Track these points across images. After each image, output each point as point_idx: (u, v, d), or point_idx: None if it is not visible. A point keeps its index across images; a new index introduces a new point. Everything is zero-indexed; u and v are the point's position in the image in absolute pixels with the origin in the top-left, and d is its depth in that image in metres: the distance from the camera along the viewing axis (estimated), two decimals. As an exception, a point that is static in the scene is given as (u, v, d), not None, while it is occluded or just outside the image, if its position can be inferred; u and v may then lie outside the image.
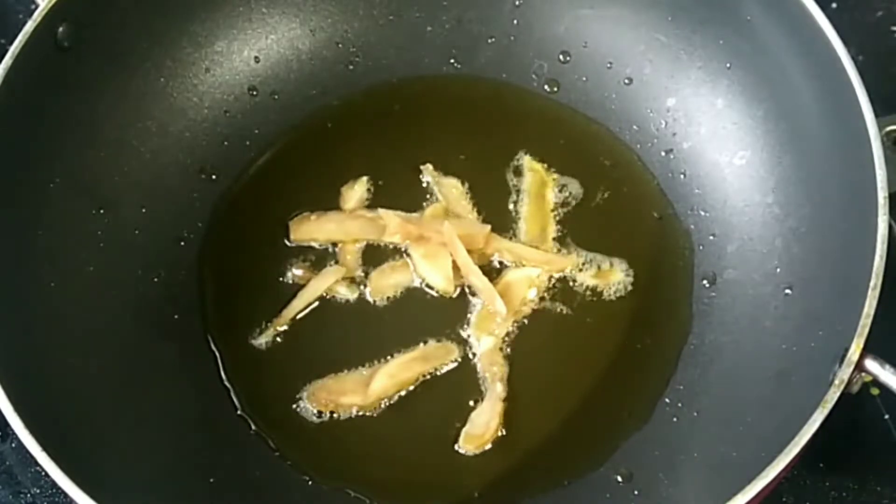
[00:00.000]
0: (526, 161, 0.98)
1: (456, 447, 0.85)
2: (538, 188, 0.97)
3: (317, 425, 0.86)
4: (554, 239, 0.94)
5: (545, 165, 0.98)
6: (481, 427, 0.85)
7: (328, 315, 0.91)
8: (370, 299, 0.92)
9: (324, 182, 0.97)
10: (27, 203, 0.84)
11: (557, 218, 0.95)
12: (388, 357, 0.88)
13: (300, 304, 0.91)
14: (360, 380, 0.87)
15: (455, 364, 0.88)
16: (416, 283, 0.92)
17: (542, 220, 0.95)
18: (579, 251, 0.93)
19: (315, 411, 0.87)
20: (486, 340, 0.89)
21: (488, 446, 0.85)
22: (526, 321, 0.90)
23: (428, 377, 0.88)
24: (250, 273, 0.93)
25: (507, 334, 0.89)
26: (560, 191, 0.96)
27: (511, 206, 0.96)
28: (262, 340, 0.90)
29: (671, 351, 0.89)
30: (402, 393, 0.87)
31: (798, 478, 0.87)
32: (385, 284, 0.92)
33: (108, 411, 0.81)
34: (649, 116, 0.98)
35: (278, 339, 0.90)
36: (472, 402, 0.87)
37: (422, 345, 0.89)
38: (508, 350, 0.89)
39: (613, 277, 0.92)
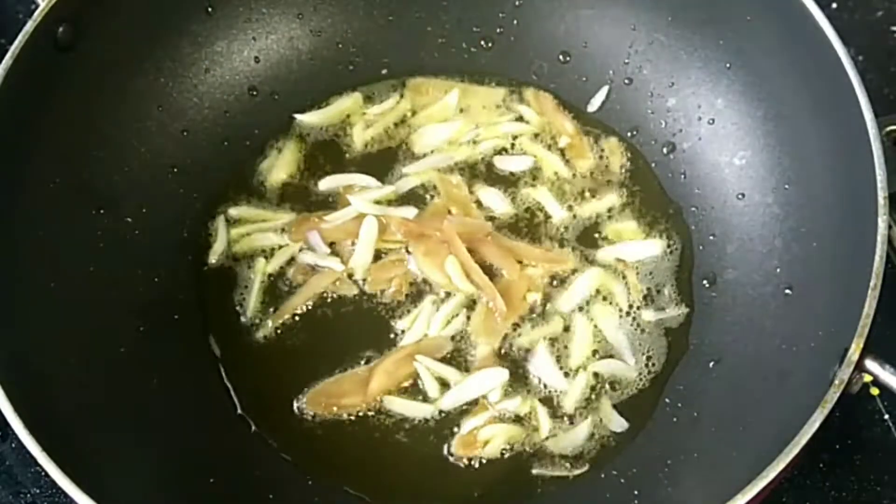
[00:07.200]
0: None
1: (453, 449, 0.85)
2: None
3: (316, 425, 0.86)
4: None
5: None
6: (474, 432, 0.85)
7: (328, 314, 0.91)
8: (369, 297, 0.91)
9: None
10: (27, 203, 0.83)
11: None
12: (387, 352, 0.88)
13: (299, 303, 0.91)
14: (358, 380, 0.87)
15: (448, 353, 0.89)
16: (415, 279, 0.92)
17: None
18: (579, 250, 0.93)
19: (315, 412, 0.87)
20: (482, 348, 0.89)
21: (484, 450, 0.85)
22: (525, 320, 0.90)
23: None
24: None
25: (506, 335, 0.89)
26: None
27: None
28: (261, 340, 0.90)
29: (671, 351, 0.89)
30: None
31: (798, 478, 0.87)
32: (383, 277, 0.92)
33: (108, 411, 0.81)
34: (649, 116, 0.98)
35: (278, 338, 0.90)
36: (467, 406, 0.87)
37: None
38: (507, 348, 0.89)
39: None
